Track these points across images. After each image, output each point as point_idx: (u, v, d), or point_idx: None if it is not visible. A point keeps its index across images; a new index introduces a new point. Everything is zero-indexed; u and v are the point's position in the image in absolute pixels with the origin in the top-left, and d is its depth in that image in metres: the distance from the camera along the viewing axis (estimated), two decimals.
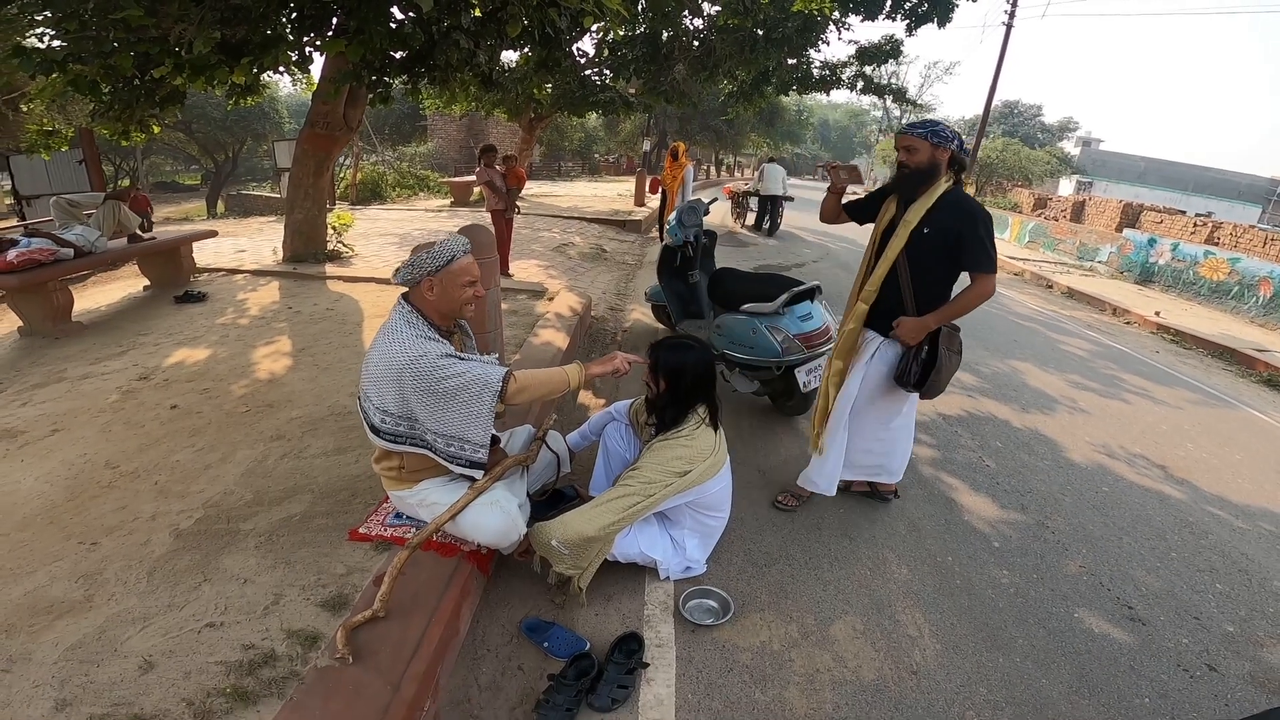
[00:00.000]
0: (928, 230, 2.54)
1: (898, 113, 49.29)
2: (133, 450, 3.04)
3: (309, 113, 6.80)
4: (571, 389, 2.30)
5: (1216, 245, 11.15)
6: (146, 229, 6.10)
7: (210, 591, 2.11)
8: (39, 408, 3.48)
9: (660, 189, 10.33)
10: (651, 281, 5.26)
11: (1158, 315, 8.44)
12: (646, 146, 22.34)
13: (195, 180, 33.95)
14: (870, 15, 10.51)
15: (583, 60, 12.47)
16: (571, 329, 5.03)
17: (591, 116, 20.99)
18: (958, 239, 2.51)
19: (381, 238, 9.22)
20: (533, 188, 19.57)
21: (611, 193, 19.62)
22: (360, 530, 2.46)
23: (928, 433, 4.12)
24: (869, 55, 12.13)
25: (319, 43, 5.05)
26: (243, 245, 8.30)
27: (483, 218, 9.00)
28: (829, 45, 11.64)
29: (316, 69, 8.07)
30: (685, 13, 11.09)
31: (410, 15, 4.62)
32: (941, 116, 54.15)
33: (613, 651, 2.15)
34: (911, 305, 2.67)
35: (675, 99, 12.30)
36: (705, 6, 11.43)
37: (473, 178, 11.88)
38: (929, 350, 2.67)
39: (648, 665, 2.15)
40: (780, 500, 3.15)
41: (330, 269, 6.79)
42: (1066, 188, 35.03)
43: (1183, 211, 14.16)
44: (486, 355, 2.33)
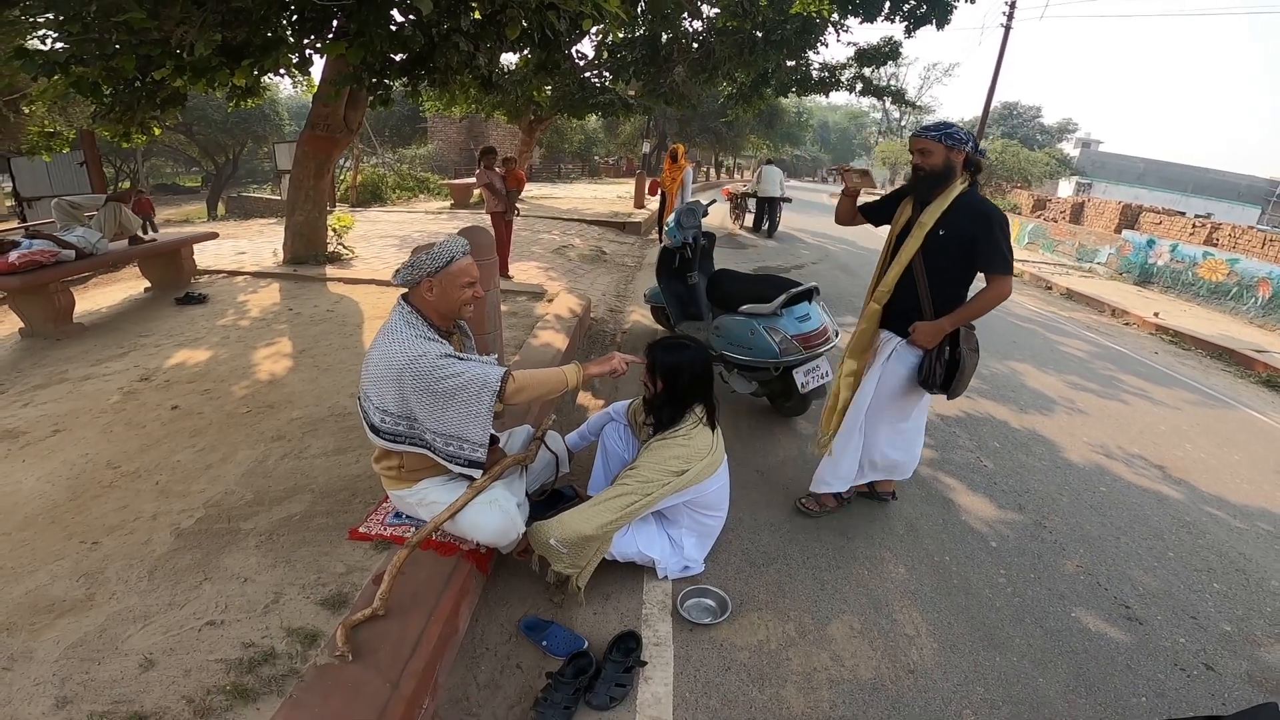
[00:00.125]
0: (943, 232, 2.54)
1: (897, 114, 49.41)
2: (134, 450, 3.06)
3: (309, 115, 6.82)
4: (570, 389, 2.32)
5: (1215, 246, 11.18)
6: (149, 231, 6.12)
7: (211, 590, 2.13)
8: (40, 408, 3.50)
9: (659, 191, 10.37)
10: (651, 283, 5.27)
11: (1156, 316, 8.46)
12: (646, 148, 22.38)
13: (196, 182, 33.98)
14: (869, 17, 10.51)
15: (582, 62, 12.48)
16: (571, 330, 5.04)
17: (591, 119, 21.03)
18: (973, 240, 2.51)
19: (381, 240, 9.24)
20: (533, 190, 19.58)
21: (611, 195, 19.64)
22: (360, 529, 2.47)
23: (926, 433, 4.06)
24: (868, 57, 12.14)
25: (319, 45, 5.06)
26: (243, 247, 8.32)
27: (483, 220, 9.02)
28: (828, 47, 11.76)
29: (317, 71, 8.14)
30: (684, 15, 11.11)
31: (410, 18, 4.64)
32: (941, 118, 54.18)
33: (611, 650, 2.15)
34: (929, 307, 2.66)
35: (674, 101, 12.32)
36: (704, 9, 11.45)
37: (473, 180, 11.90)
38: (950, 351, 2.67)
39: (645, 664, 2.16)
40: (804, 503, 3.12)
41: (330, 271, 6.81)
42: (1066, 189, 35.05)
43: (1182, 213, 14.21)
44: (486, 356, 2.34)
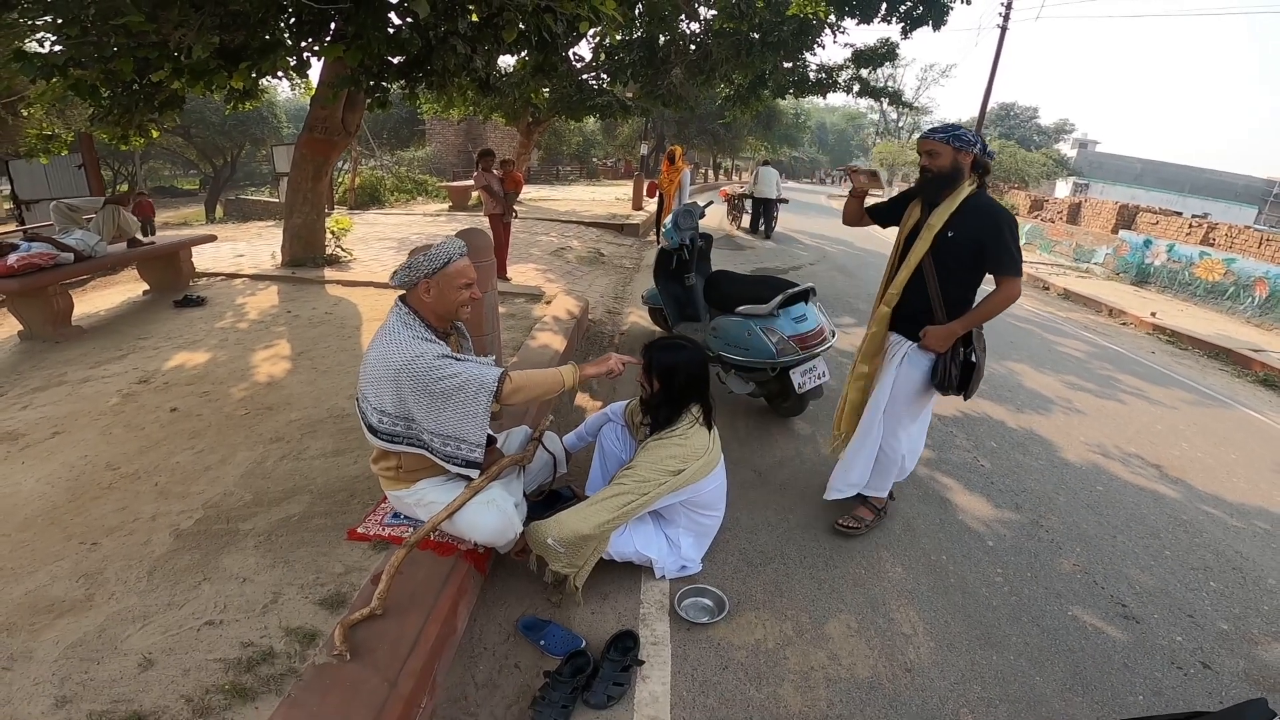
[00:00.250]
0: (952, 234, 2.52)
1: (894, 116, 49.48)
2: (133, 452, 3.06)
3: (307, 117, 6.82)
4: (566, 389, 2.32)
5: (1212, 246, 11.22)
6: (149, 233, 6.13)
7: (210, 590, 2.13)
8: (40, 411, 3.50)
9: (657, 192, 10.38)
10: (649, 285, 5.28)
11: (1154, 316, 8.48)
12: (644, 150, 22.41)
13: (194, 185, 34.02)
14: (865, 18, 10.55)
15: (580, 65, 12.51)
16: (569, 332, 5.05)
17: (589, 121, 21.05)
18: (982, 242, 2.50)
19: (380, 242, 9.24)
20: (531, 192, 19.59)
21: (609, 196, 19.65)
22: (358, 530, 2.47)
23: None
24: (865, 58, 12.19)
25: (317, 48, 5.07)
26: (241, 250, 8.32)
27: (481, 222, 9.03)
28: (824, 49, 11.73)
29: (315, 74, 8.13)
30: (682, 17, 11.13)
31: (408, 21, 4.65)
32: (938, 119, 54.33)
33: (608, 649, 2.16)
34: (940, 309, 2.63)
35: (672, 103, 12.35)
36: (701, 10, 11.48)
37: (471, 182, 11.91)
38: (964, 352, 2.66)
39: (643, 663, 2.16)
40: (843, 523, 2.98)
41: (329, 273, 6.81)
42: (1063, 190, 35.15)
43: (1178, 213, 14.26)
44: (483, 357, 2.35)
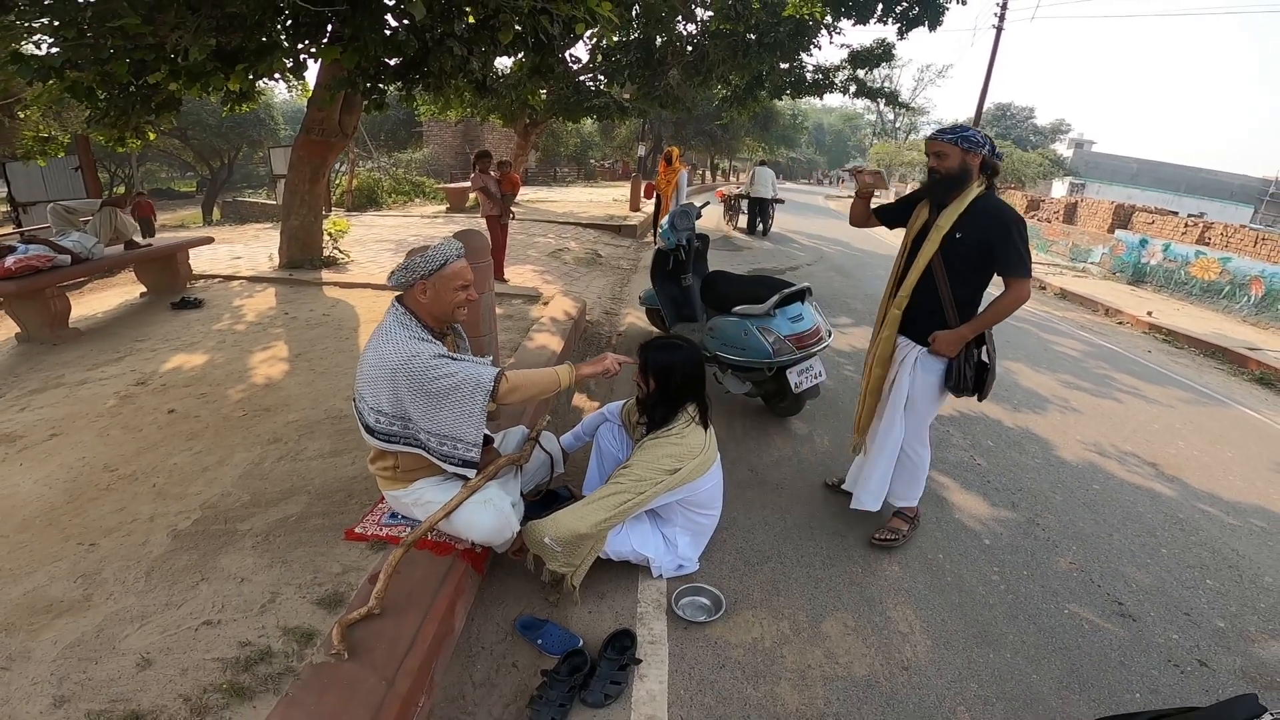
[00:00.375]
0: (960, 235, 2.51)
1: (891, 116, 49.57)
2: (131, 453, 3.06)
3: (304, 119, 6.82)
4: (563, 389, 2.33)
5: (1207, 245, 11.24)
6: (149, 234, 6.12)
7: (207, 590, 2.13)
8: (38, 413, 3.50)
9: (654, 193, 10.40)
10: (646, 286, 5.29)
11: (1150, 315, 8.50)
12: (641, 151, 22.44)
13: (191, 187, 33.97)
14: (862, 19, 10.57)
15: (576, 66, 12.50)
16: (566, 333, 5.06)
17: (587, 122, 21.07)
18: (990, 244, 2.48)
19: (377, 244, 9.24)
20: (528, 193, 19.59)
21: (607, 198, 19.66)
22: (356, 530, 2.48)
23: None
24: (861, 59, 12.21)
25: (314, 50, 5.07)
26: (239, 252, 8.31)
27: (478, 223, 9.03)
28: (821, 49, 11.69)
29: (311, 76, 8.12)
30: (678, 18, 11.14)
31: (404, 23, 4.65)
32: (935, 119, 54.43)
33: (605, 648, 2.17)
34: (952, 310, 2.61)
35: (669, 104, 12.36)
36: (698, 12, 11.49)
37: (468, 184, 11.91)
38: (977, 353, 2.66)
39: (640, 661, 2.17)
40: (880, 537, 2.93)
41: (326, 275, 6.81)
42: (1059, 190, 35.24)
43: (1174, 212, 14.28)
44: (480, 358, 2.35)
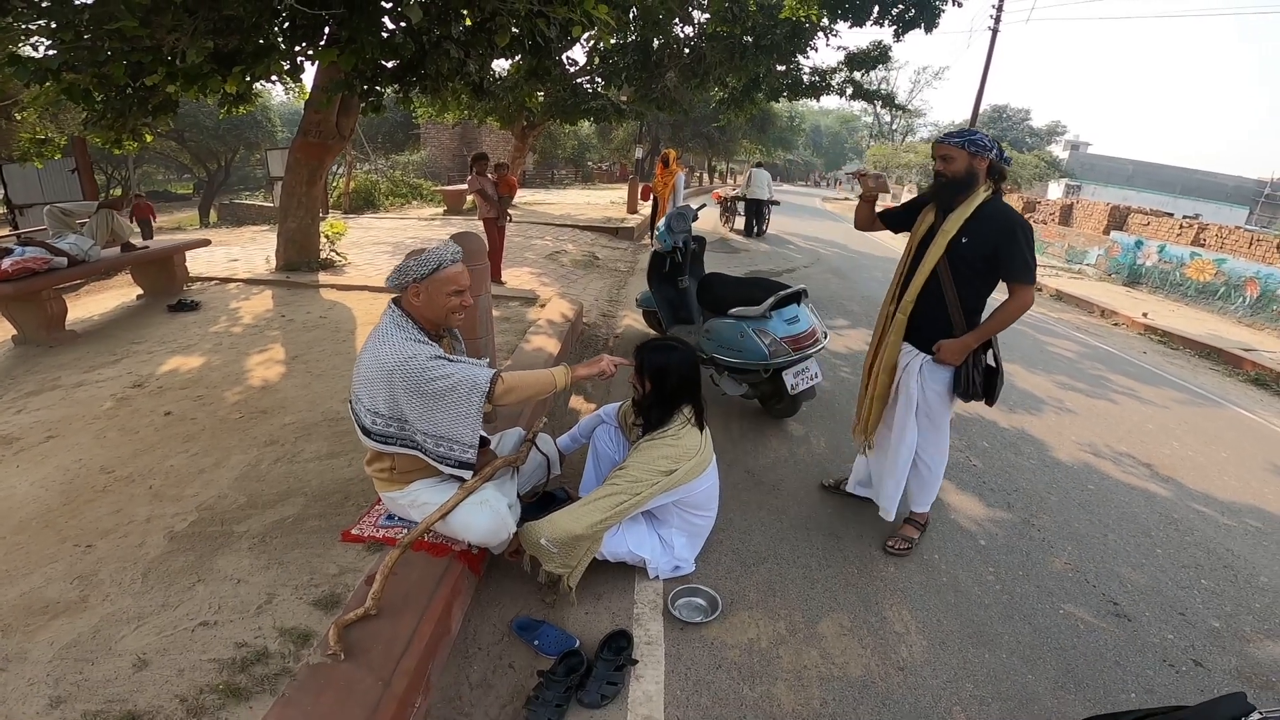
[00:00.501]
0: (966, 240, 2.49)
1: (888, 118, 49.75)
2: (127, 455, 3.06)
3: (301, 121, 6.82)
4: (558, 390, 2.34)
5: (1202, 246, 11.28)
6: (149, 236, 6.12)
7: (204, 591, 2.14)
8: (34, 415, 3.50)
9: (652, 195, 10.43)
10: (643, 288, 5.30)
11: (1145, 316, 8.52)
12: (639, 154, 22.40)
13: (187, 189, 33.94)
14: (858, 21, 10.59)
15: (574, 68, 12.52)
16: (563, 335, 5.06)
17: (584, 124, 21.10)
18: (996, 249, 2.46)
19: (375, 246, 9.24)
20: (526, 195, 19.60)
21: (604, 200, 19.69)
22: (353, 531, 2.48)
23: None
24: (858, 61, 12.25)
25: (311, 52, 5.07)
26: (236, 254, 8.31)
27: (476, 226, 9.04)
28: (817, 51, 11.82)
29: (309, 78, 8.14)
30: (675, 20, 11.17)
31: (401, 25, 4.66)
32: (932, 121, 54.58)
33: (602, 649, 2.17)
34: (959, 316, 2.59)
35: (667, 106, 12.39)
36: (695, 14, 11.53)
37: (465, 186, 11.92)
38: (984, 358, 2.65)
39: (637, 662, 2.17)
40: (893, 545, 2.92)
41: (323, 277, 6.81)
42: (1055, 191, 35.33)
43: (1170, 214, 14.33)
44: (477, 360, 2.36)
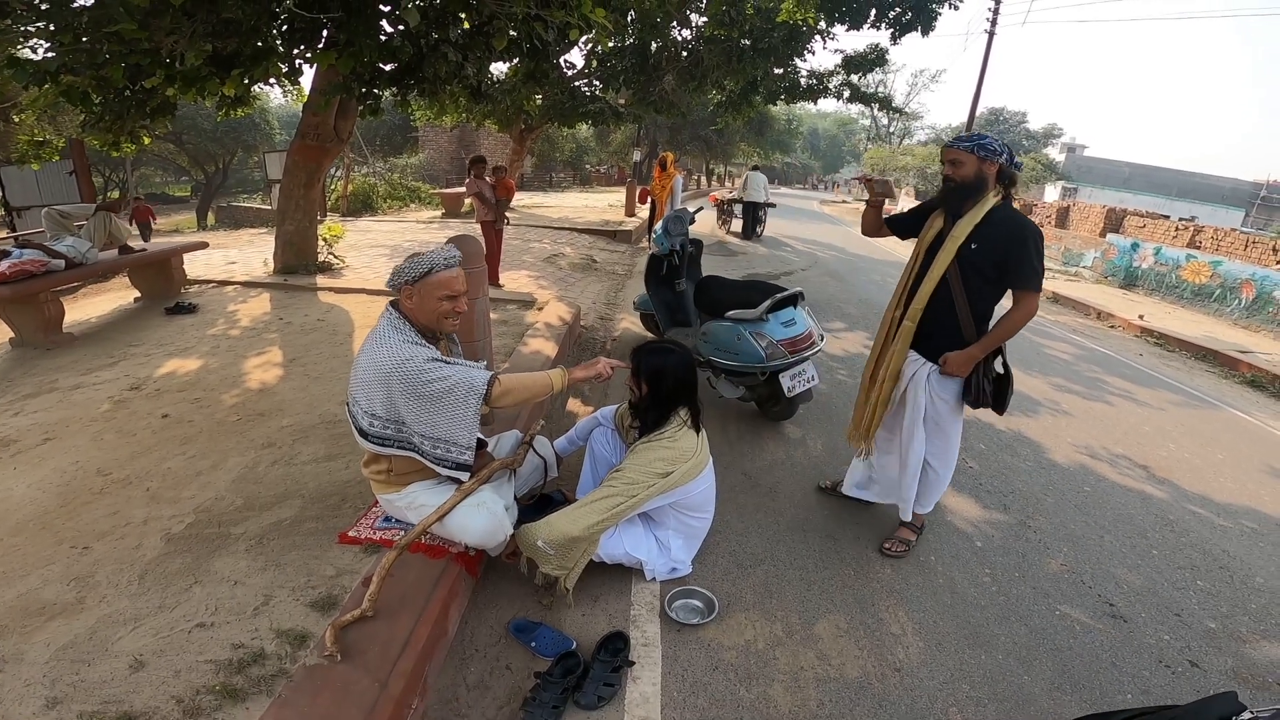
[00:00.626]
0: (975, 246, 2.46)
1: (885, 121, 49.82)
2: (124, 458, 3.06)
3: (299, 124, 6.82)
4: (556, 392, 2.34)
5: (1199, 249, 11.33)
6: (148, 239, 6.12)
7: (201, 593, 2.13)
8: (31, 417, 3.49)
9: (649, 198, 10.45)
10: (641, 291, 5.31)
11: (1141, 319, 8.55)
12: (637, 157, 22.45)
13: (185, 192, 33.95)
14: (855, 24, 10.66)
15: (572, 72, 12.56)
16: (560, 338, 5.06)
17: (582, 127, 21.11)
18: (1005, 255, 2.42)
19: (372, 249, 9.24)
20: (524, 198, 19.63)
21: (602, 203, 19.72)
22: (350, 533, 2.48)
23: None
24: (855, 64, 12.31)
25: (309, 55, 5.08)
26: (233, 257, 8.31)
27: (474, 229, 9.05)
28: (815, 55, 11.88)
29: (307, 81, 8.17)
30: (673, 24, 11.21)
31: (399, 29, 4.68)
32: (929, 124, 54.72)
33: (599, 650, 2.17)
34: (970, 323, 2.57)
35: (664, 109, 12.43)
36: (692, 17, 11.57)
37: (463, 189, 11.94)
38: (992, 366, 2.64)
39: (633, 664, 2.17)
40: (889, 547, 2.92)
41: (321, 280, 6.81)
42: (1052, 194, 35.41)
43: (1166, 216, 14.39)
44: (474, 362, 2.36)
